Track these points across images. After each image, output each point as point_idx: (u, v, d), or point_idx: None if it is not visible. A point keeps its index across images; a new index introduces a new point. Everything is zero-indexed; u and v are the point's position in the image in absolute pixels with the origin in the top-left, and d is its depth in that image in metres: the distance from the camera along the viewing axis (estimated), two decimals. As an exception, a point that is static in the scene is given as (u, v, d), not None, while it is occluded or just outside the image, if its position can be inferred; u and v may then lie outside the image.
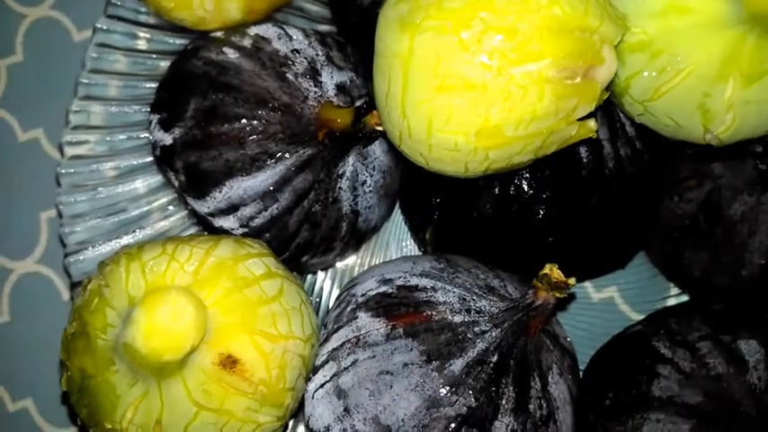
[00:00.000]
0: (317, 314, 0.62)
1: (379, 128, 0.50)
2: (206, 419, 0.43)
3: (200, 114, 0.52)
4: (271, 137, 0.52)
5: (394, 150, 0.61)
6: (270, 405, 0.46)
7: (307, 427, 0.51)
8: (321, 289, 0.66)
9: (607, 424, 0.51)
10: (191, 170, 0.53)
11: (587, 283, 0.67)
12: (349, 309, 0.53)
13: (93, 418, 0.44)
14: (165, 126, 0.54)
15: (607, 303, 0.66)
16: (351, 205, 0.57)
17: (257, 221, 0.54)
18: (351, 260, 0.66)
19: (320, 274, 0.66)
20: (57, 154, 0.71)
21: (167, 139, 0.54)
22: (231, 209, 0.53)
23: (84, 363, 0.44)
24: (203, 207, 0.54)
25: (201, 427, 0.44)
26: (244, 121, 0.51)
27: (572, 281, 0.47)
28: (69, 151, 0.60)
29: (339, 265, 0.66)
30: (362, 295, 0.53)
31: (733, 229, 0.56)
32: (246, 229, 0.54)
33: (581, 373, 0.56)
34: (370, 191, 0.58)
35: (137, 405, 0.42)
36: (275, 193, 0.53)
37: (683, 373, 0.50)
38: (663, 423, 0.49)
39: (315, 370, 0.52)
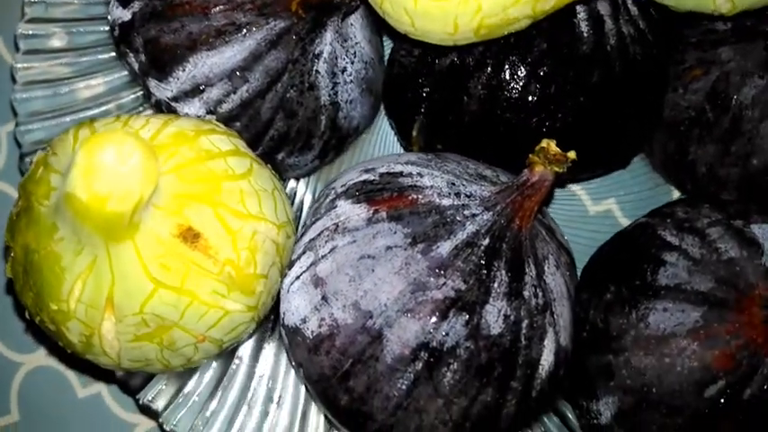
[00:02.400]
0: (296, 228, 0.58)
1: (359, -10, 0.45)
2: (165, 299, 0.39)
3: (161, -17, 0.47)
4: (238, 6, 0.47)
5: (376, 39, 0.56)
6: (239, 290, 0.41)
7: (283, 325, 0.47)
8: (302, 202, 0.62)
9: (609, 317, 0.47)
10: (151, 46, 0.48)
11: (584, 195, 0.63)
12: (328, 200, 0.49)
13: (39, 301, 0.40)
14: (124, 1, 0.49)
15: (605, 217, 0.62)
16: (330, 95, 0.52)
17: (226, 106, 0.49)
18: (333, 172, 0.62)
19: (301, 186, 0.62)
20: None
21: (126, 15, 0.49)
22: (196, 90, 0.48)
23: (27, 238, 0.39)
24: (166, 91, 0.49)
25: (160, 307, 0.39)
26: (209, -12, 0.47)
27: (572, 154, 0.43)
28: (25, 45, 0.56)
29: (320, 177, 0.61)
30: (342, 186, 0.49)
31: (742, 116, 0.52)
32: (214, 117, 0.50)
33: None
34: (351, 81, 0.53)
35: (84, 279, 0.38)
36: (244, 72, 0.48)
37: (693, 259, 0.46)
38: (670, 312, 0.45)
39: (291, 264, 0.47)
